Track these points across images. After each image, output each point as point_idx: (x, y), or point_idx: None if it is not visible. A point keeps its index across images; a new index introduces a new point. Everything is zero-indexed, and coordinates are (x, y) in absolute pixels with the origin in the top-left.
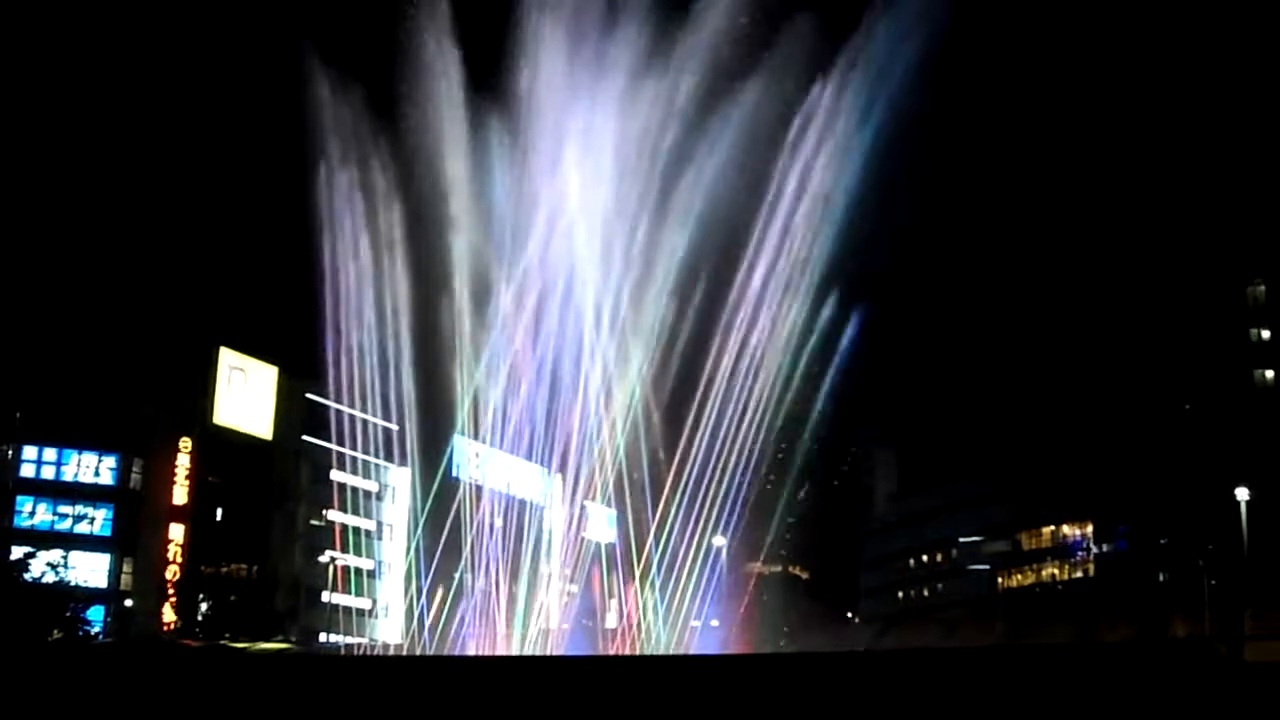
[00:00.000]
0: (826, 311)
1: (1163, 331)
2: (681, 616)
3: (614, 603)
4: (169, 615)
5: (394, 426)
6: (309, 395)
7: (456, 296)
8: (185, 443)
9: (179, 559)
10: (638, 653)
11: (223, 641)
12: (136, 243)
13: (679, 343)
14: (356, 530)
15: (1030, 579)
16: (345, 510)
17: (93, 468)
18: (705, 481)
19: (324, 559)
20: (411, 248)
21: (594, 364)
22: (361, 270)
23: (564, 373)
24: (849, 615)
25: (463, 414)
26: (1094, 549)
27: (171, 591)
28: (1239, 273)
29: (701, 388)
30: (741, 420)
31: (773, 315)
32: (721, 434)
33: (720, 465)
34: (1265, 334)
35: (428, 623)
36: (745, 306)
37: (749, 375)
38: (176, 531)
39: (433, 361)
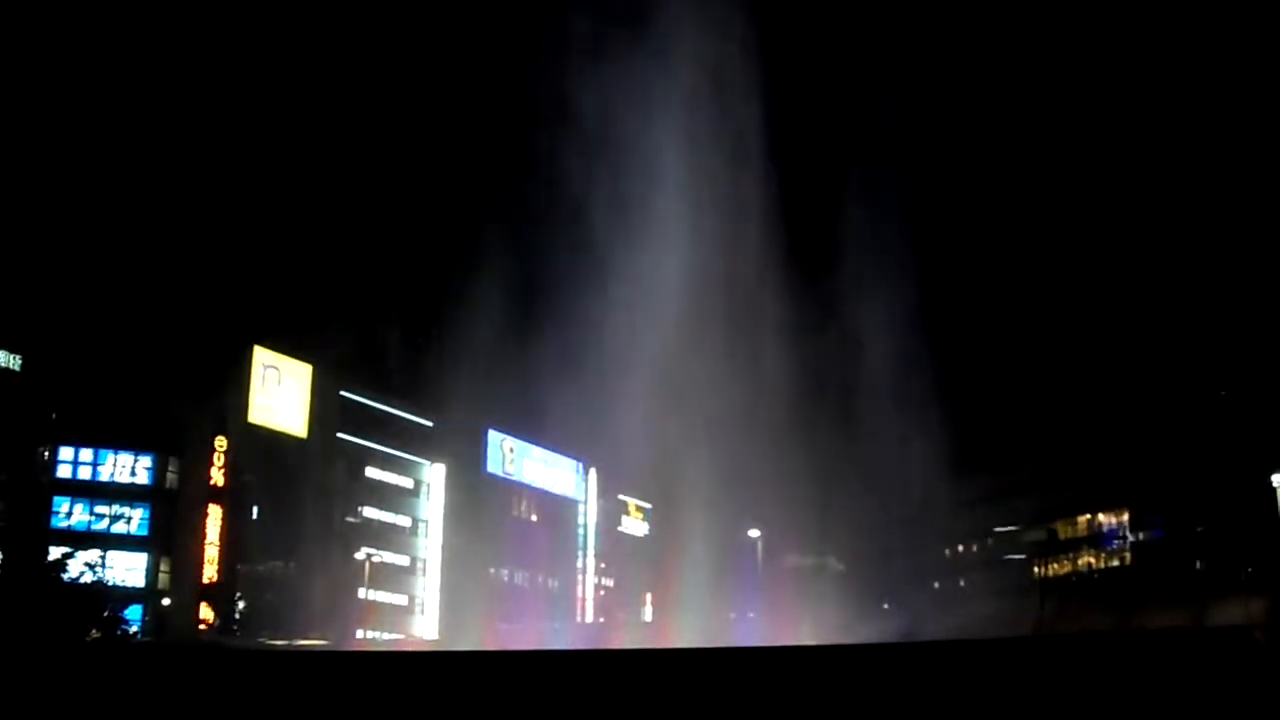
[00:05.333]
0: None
1: (1197, 317)
2: (718, 609)
3: (649, 596)
4: (206, 614)
5: (428, 423)
6: (343, 392)
7: (489, 291)
8: (221, 441)
9: (215, 558)
10: (673, 646)
11: (260, 640)
12: (169, 242)
13: (715, 325)
14: (392, 526)
15: (1067, 568)
16: (381, 507)
17: (129, 467)
18: (741, 474)
19: (360, 555)
20: (442, 241)
21: (631, 357)
22: (394, 266)
23: (601, 368)
24: (884, 606)
25: (497, 409)
26: (1130, 537)
27: (208, 589)
28: (1276, 257)
29: (737, 373)
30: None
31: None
32: (758, 425)
33: (756, 457)
34: None
35: (463, 618)
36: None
37: (784, 360)
38: (212, 530)
39: (466, 357)
